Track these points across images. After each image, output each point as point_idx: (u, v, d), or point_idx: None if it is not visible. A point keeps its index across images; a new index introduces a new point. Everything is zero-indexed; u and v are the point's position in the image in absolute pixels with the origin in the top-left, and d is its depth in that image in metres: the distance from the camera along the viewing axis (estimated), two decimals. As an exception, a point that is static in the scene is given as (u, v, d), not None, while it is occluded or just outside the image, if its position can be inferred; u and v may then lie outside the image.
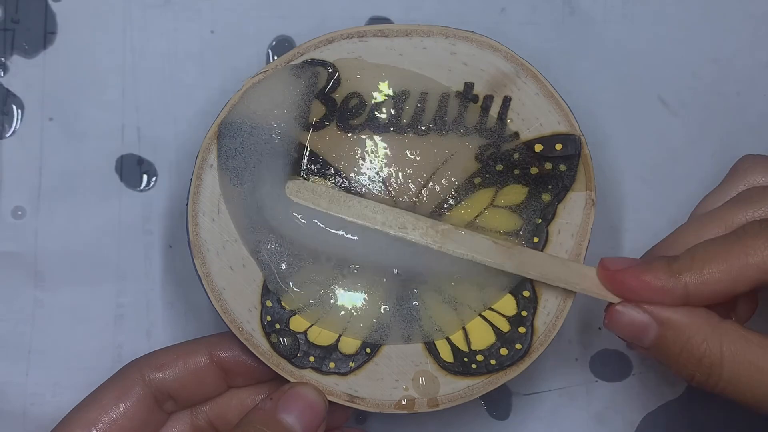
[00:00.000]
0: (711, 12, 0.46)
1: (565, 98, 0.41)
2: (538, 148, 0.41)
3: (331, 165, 0.41)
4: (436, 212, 0.41)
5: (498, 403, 0.45)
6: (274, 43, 0.45)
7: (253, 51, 0.45)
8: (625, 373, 0.45)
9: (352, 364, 0.40)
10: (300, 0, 0.45)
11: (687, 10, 0.46)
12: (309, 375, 0.40)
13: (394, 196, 0.41)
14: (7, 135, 0.45)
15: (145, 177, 0.45)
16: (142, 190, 0.45)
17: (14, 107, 0.45)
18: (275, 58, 0.45)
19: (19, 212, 0.44)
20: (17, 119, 0.45)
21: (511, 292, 0.40)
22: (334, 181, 0.41)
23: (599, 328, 0.45)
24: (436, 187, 0.41)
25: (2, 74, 0.45)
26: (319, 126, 0.41)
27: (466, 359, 0.40)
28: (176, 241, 0.45)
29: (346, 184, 0.41)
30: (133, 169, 0.45)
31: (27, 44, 0.45)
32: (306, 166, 0.41)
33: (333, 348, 0.40)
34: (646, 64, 0.45)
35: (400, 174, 0.41)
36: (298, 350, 0.40)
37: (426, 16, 0.45)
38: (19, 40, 0.45)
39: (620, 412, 0.45)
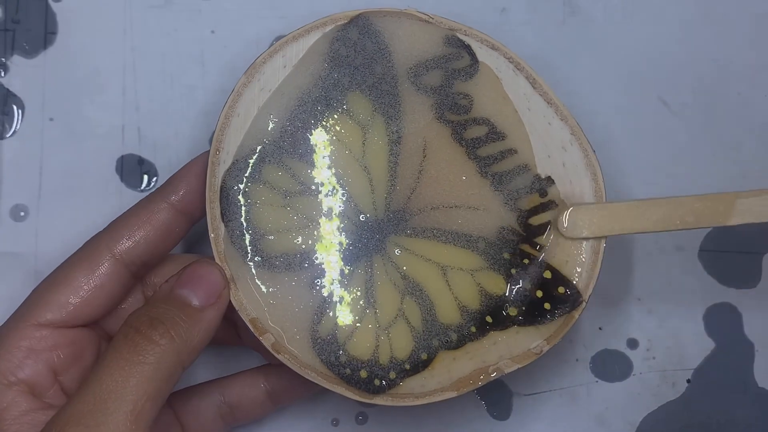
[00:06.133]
0: (711, 12, 0.46)
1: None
2: (547, 275, 0.40)
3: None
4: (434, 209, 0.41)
5: (498, 404, 0.45)
6: (274, 43, 0.45)
7: (254, 51, 0.45)
8: (625, 373, 0.45)
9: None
10: (300, 0, 0.45)
11: (687, 10, 0.46)
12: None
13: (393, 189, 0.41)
14: (8, 135, 0.45)
15: (145, 177, 0.45)
16: (142, 190, 0.45)
17: (15, 107, 0.45)
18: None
19: (21, 213, 0.44)
20: (18, 119, 0.45)
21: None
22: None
23: (599, 328, 0.45)
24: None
25: (3, 74, 0.45)
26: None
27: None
28: (176, 241, 0.45)
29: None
30: (133, 169, 0.45)
31: (27, 44, 0.45)
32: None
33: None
34: (646, 65, 0.45)
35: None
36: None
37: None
38: (19, 40, 0.45)
39: (621, 412, 0.45)
